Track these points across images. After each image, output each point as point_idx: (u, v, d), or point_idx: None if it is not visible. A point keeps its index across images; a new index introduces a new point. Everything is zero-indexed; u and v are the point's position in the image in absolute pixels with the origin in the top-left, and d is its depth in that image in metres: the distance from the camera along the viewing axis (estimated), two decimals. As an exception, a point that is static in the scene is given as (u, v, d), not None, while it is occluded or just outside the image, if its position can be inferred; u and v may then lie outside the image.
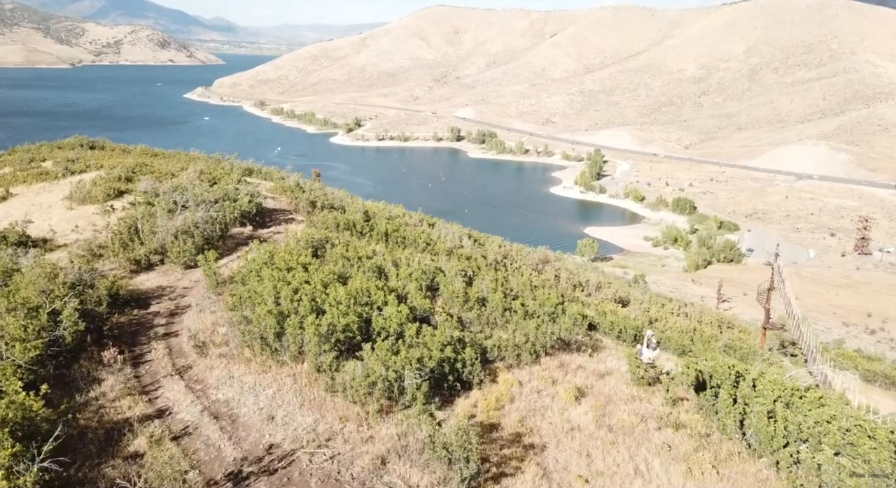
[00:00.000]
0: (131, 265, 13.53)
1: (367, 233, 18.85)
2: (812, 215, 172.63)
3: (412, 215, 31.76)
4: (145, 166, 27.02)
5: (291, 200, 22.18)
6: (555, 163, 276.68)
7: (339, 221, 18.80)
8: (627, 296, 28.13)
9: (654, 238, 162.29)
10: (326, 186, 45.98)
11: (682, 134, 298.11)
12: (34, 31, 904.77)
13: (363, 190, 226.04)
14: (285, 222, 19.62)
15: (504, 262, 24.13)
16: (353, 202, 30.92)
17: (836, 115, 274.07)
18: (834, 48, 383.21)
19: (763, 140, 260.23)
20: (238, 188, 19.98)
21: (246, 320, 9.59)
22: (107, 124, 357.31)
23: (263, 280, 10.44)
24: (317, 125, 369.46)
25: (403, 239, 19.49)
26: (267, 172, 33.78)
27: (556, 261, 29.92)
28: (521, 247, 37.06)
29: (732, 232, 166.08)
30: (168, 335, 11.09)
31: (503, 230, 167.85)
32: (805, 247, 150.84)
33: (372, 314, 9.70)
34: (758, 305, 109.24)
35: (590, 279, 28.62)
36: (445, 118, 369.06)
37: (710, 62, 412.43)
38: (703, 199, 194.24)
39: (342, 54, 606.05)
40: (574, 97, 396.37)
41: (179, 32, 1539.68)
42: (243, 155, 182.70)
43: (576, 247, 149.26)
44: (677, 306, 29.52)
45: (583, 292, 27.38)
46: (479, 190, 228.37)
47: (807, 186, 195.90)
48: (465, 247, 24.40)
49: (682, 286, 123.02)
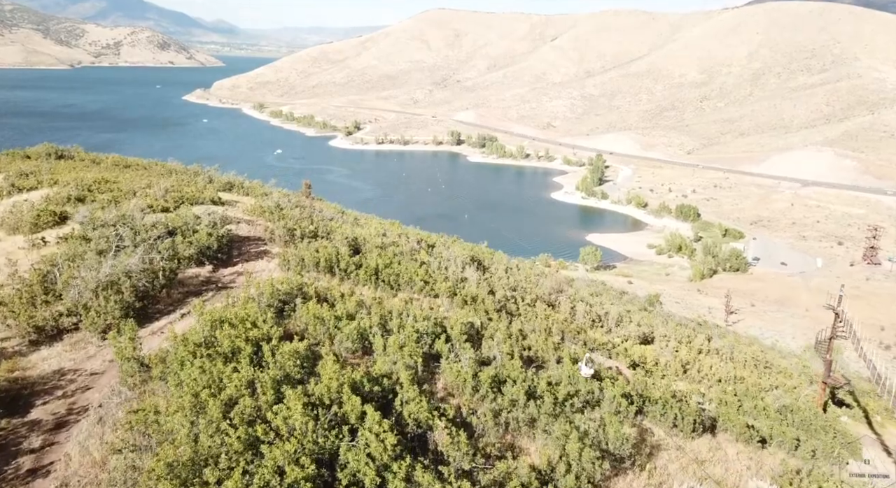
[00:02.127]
0: (32, 333, 10.22)
1: (354, 271, 15.60)
2: (818, 223, 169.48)
3: (409, 235, 28.52)
4: (106, 183, 23.76)
5: (267, 228, 18.96)
6: (556, 168, 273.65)
7: (321, 257, 15.56)
8: (651, 330, 24.91)
9: (657, 246, 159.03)
10: (317, 201, 42.79)
11: (685, 139, 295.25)
12: (34, 32, 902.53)
13: (361, 195, 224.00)
14: (256, 257, 16.36)
15: (514, 298, 20.90)
16: (342, 223, 27.73)
17: (841, 121, 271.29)
18: (837, 53, 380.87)
19: (767, 145, 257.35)
20: (199, 216, 16.70)
21: (132, 472, 6.22)
22: (104, 126, 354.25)
23: (183, 384, 7.18)
24: (316, 128, 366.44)
25: (397, 277, 16.25)
26: (249, 187, 30.52)
27: (568, 286, 26.69)
28: (529, 270, 33.87)
29: (737, 239, 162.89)
30: (34, 474, 7.24)
31: (504, 237, 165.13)
32: (812, 256, 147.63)
33: (340, 444, 6.47)
34: (768, 318, 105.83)
35: (609, 311, 25.39)
36: (445, 122, 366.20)
37: (711, 67, 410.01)
38: (707, 206, 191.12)
39: (342, 57, 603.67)
40: (575, 101, 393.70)
41: (180, 34, 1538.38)
42: (241, 158, 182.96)
43: (578, 255, 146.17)
44: (705, 339, 26.28)
45: (602, 328, 24.18)
46: (479, 195, 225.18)
47: (812, 193, 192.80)
48: (468, 278, 21.19)
49: (688, 297, 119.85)
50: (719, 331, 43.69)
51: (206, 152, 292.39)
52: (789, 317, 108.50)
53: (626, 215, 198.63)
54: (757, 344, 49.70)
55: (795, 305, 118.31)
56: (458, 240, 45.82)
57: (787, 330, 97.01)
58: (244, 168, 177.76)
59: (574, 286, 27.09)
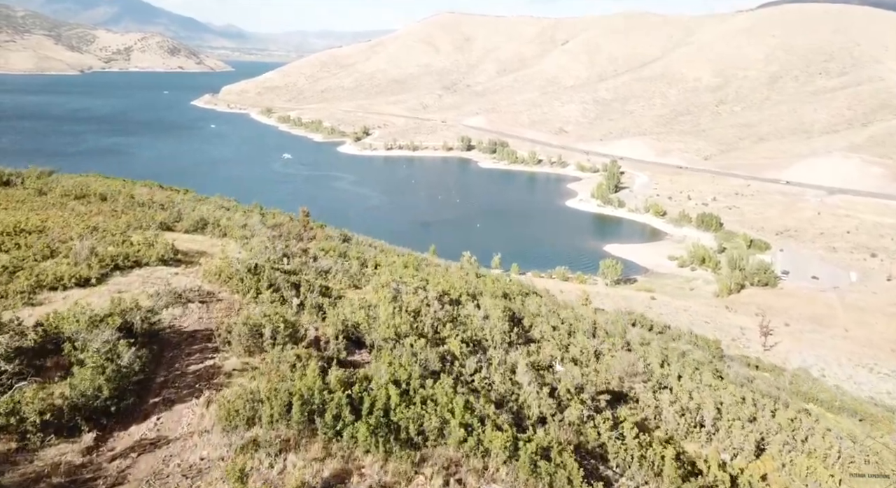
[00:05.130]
0: None
1: (349, 425, 9.20)
2: (848, 233, 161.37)
3: (429, 286, 22.05)
4: (20, 233, 17.48)
5: (223, 323, 12.52)
6: (569, 175, 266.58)
7: (294, 397, 9.17)
8: (763, 437, 18.40)
9: (679, 257, 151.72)
10: (318, 228, 36.37)
11: (702, 144, 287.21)
12: (45, 37, 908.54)
13: (369, 202, 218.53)
14: (191, 390, 9.97)
15: (593, 419, 14.47)
16: (341, 278, 21.35)
17: (865, 126, 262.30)
18: (856, 56, 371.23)
19: (789, 151, 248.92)
20: (100, 320, 10.30)
21: None
22: (111, 130, 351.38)
23: None
24: (324, 133, 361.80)
25: (420, 423, 9.90)
26: (227, 226, 24.15)
27: (644, 369, 20.21)
28: (576, 320, 27.54)
29: (763, 251, 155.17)
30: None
31: (518, 245, 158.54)
32: (845, 270, 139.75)
33: None
34: (806, 340, 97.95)
35: (701, 403, 18.84)
36: (455, 127, 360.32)
37: (726, 70, 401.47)
38: (729, 215, 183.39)
39: (351, 61, 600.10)
40: (587, 106, 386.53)
41: (190, 39, 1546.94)
42: (248, 163, 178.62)
43: (596, 267, 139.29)
44: (828, 445, 19.71)
45: (698, 434, 17.66)
46: (490, 202, 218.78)
47: (840, 202, 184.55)
48: (522, 385, 14.80)
49: (716, 314, 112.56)
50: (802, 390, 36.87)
51: (213, 157, 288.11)
52: (828, 338, 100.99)
53: (644, 224, 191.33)
54: (821, 387, 42.76)
55: (832, 325, 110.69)
56: (483, 274, 39.32)
57: (829, 355, 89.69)
58: (250, 174, 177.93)
59: (650, 373, 20.58)
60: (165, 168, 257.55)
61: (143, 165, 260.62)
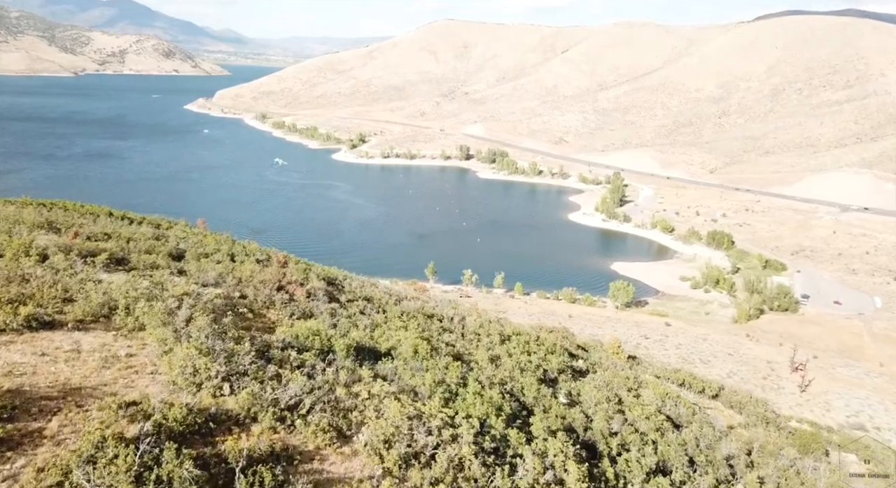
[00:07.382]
0: None
1: None
2: (867, 254, 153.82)
3: (488, 414, 13.61)
4: None
5: None
6: (571, 186, 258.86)
7: None
8: None
9: (692, 278, 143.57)
10: (302, 266, 27.70)
11: (706, 157, 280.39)
12: (39, 39, 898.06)
13: (364, 213, 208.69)
14: None
15: None
16: (316, 435, 12.75)
17: (874, 141, 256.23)
18: (861, 69, 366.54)
19: (797, 166, 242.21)
20: None
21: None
22: (103, 133, 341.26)
23: None
24: (319, 140, 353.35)
25: None
26: (146, 313, 15.43)
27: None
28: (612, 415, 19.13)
29: (779, 272, 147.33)
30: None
31: (521, 263, 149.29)
32: (868, 294, 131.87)
33: None
34: (840, 378, 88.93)
35: None
36: (454, 135, 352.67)
37: (729, 81, 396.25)
38: (741, 232, 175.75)
39: (348, 67, 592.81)
40: (588, 115, 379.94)
41: (188, 43, 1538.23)
42: (240, 170, 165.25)
43: (604, 286, 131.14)
44: None
45: None
46: (490, 215, 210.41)
47: (855, 220, 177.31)
48: None
49: (738, 345, 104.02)
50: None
51: (204, 163, 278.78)
52: (864, 374, 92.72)
53: (651, 240, 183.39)
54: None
55: (863, 357, 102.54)
56: (487, 323, 30.78)
57: (872, 397, 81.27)
58: (242, 181, 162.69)
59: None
60: (155, 173, 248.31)
61: (134, 170, 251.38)
